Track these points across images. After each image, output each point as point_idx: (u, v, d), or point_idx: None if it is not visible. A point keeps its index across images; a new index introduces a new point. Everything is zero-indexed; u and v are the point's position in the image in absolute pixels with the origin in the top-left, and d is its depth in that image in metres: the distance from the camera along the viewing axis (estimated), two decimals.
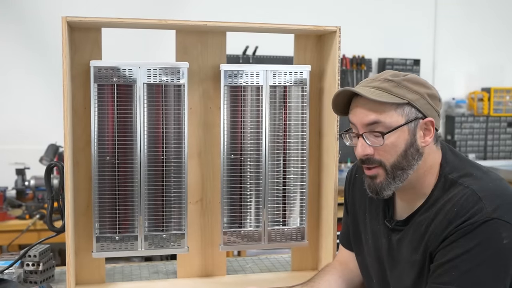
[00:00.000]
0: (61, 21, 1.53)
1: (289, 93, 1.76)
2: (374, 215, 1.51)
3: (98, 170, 1.65)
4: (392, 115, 1.30)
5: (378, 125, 1.30)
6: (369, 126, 1.31)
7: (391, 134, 1.30)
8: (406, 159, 1.32)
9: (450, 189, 1.33)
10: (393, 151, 1.31)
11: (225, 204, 1.74)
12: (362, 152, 1.33)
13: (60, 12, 1.70)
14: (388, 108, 1.30)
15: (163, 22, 1.64)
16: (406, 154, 1.31)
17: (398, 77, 1.34)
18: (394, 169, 1.32)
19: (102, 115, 1.64)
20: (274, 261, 2.05)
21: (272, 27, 1.73)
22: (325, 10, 4.35)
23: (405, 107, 1.30)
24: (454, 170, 1.35)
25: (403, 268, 1.39)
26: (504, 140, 4.77)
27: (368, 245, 1.53)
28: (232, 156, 1.74)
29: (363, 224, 1.56)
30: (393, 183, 1.33)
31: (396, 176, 1.32)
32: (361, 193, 1.56)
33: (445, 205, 1.31)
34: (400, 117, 1.30)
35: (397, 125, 1.30)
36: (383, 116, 1.30)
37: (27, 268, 1.73)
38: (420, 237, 1.35)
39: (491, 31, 4.80)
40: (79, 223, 1.73)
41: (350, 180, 1.64)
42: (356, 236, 1.60)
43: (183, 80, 1.67)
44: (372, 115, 1.30)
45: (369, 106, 1.31)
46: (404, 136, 1.31)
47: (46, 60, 3.78)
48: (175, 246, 1.72)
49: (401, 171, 1.32)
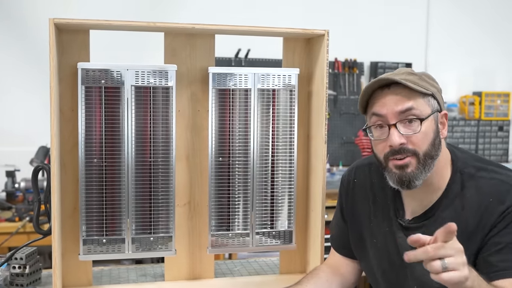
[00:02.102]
0: (49, 23, 1.53)
1: (277, 96, 1.76)
2: (382, 218, 1.50)
3: (85, 172, 1.64)
4: (422, 104, 1.35)
5: (412, 113, 1.34)
6: (403, 114, 1.34)
7: (426, 121, 1.34)
8: (434, 148, 1.36)
9: (469, 183, 1.37)
10: (426, 139, 1.34)
11: (213, 207, 1.74)
12: (399, 141, 1.33)
13: (48, 13, 1.69)
14: (417, 97, 1.35)
15: (151, 25, 1.64)
16: (434, 143, 1.36)
17: (418, 72, 1.40)
18: (426, 157, 1.34)
19: (90, 117, 1.63)
20: (262, 264, 2.05)
21: (260, 30, 1.73)
22: (317, 14, 4.36)
23: (430, 98, 1.37)
24: (468, 165, 1.41)
25: None
26: (495, 144, 4.78)
27: (377, 249, 1.51)
28: (220, 159, 1.74)
29: (367, 229, 1.54)
30: (424, 172, 1.35)
31: (426, 165, 1.35)
32: (363, 198, 1.56)
33: (473, 198, 1.35)
34: (428, 107, 1.36)
35: (428, 114, 1.35)
36: (416, 103, 1.34)
37: (13, 270, 1.72)
38: None
39: (482, 35, 4.82)
40: (66, 225, 1.72)
41: (349, 186, 1.63)
42: (359, 242, 1.58)
43: (171, 82, 1.67)
44: (407, 102, 1.34)
45: (401, 96, 1.34)
46: (432, 126, 1.36)
47: (35, 61, 3.76)
48: (163, 249, 1.72)
49: (431, 160, 1.35)
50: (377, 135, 1.39)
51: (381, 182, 1.52)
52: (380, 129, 1.37)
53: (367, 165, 1.61)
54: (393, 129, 1.34)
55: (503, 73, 4.93)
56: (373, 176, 1.57)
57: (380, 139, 1.37)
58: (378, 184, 1.54)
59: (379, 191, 1.53)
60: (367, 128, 1.41)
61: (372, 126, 1.39)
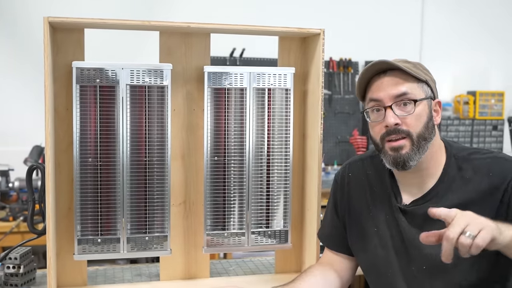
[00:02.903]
0: (43, 21, 1.52)
1: (273, 95, 1.76)
2: (381, 206, 1.54)
3: (80, 172, 1.63)
4: (416, 89, 1.43)
5: (407, 96, 1.41)
6: (398, 97, 1.41)
7: (419, 103, 1.41)
8: (428, 131, 1.42)
9: (464, 165, 1.45)
10: (419, 121, 1.41)
11: (208, 206, 1.74)
12: (394, 121, 1.40)
13: (42, 12, 1.68)
14: (412, 82, 1.43)
15: (146, 23, 1.63)
16: (428, 125, 1.43)
17: (412, 61, 1.48)
18: (419, 138, 1.41)
19: (85, 116, 1.63)
20: (258, 263, 2.05)
21: (256, 29, 1.72)
22: (313, 13, 4.36)
23: (424, 85, 1.45)
24: (461, 150, 1.49)
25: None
26: (489, 143, 4.80)
27: (379, 237, 1.53)
28: (216, 158, 1.73)
29: (367, 219, 1.56)
30: (418, 154, 1.41)
31: (420, 146, 1.41)
32: (360, 190, 1.60)
33: (473, 177, 1.42)
34: (422, 92, 1.44)
35: (422, 97, 1.43)
36: (411, 88, 1.42)
37: (7, 270, 1.71)
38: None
39: (476, 35, 4.83)
40: (61, 225, 1.71)
41: (343, 181, 1.65)
42: (360, 234, 1.59)
43: (166, 81, 1.66)
44: (402, 87, 1.42)
45: (397, 80, 1.42)
46: (425, 109, 1.43)
47: (30, 60, 3.74)
48: (158, 249, 1.71)
49: (424, 142, 1.42)
50: (374, 118, 1.46)
51: (376, 172, 1.57)
52: (377, 112, 1.45)
53: (359, 160, 1.66)
54: (388, 110, 1.41)
55: (497, 72, 4.95)
56: (367, 168, 1.61)
57: (377, 121, 1.44)
58: (373, 174, 1.58)
59: (375, 181, 1.57)
60: (365, 112, 1.48)
61: (369, 109, 1.46)
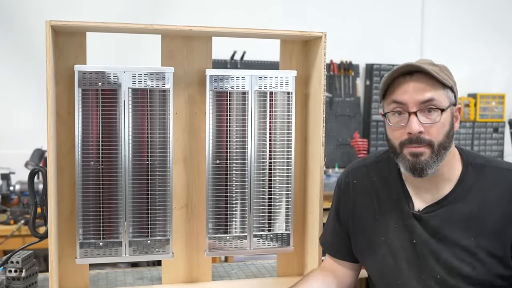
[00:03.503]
0: (45, 25, 1.52)
1: (274, 99, 1.75)
2: (389, 215, 1.49)
3: (82, 176, 1.63)
4: (442, 96, 1.37)
5: (432, 103, 1.35)
6: (424, 103, 1.35)
7: (436, 111, 1.36)
8: (448, 139, 1.38)
9: (483, 173, 1.41)
10: (442, 130, 1.37)
11: (210, 210, 1.74)
12: (418, 128, 1.34)
13: (44, 16, 1.68)
14: (438, 88, 1.37)
15: (149, 27, 1.63)
16: (449, 134, 1.38)
17: (437, 63, 1.42)
18: (440, 147, 1.36)
19: (87, 120, 1.63)
20: (260, 267, 2.04)
21: (258, 32, 1.73)
22: (314, 16, 4.37)
23: (449, 90, 1.39)
24: (475, 158, 1.45)
25: (455, 252, 1.39)
26: (490, 146, 4.80)
27: (389, 247, 1.48)
28: (218, 162, 1.73)
29: (374, 229, 1.52)
30: (437, 162, 1.37)
31: (440, 155, 1.37)
32: (366, 198, 1.55)
33: (492, 190, 1.39)
34: (447, 99, 1.38)
35: (447, 105, 1.37)
36: (437, 94, 1.36)
37: (9, 274, 1.71)
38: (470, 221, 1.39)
39: (477, 37, 4.83)
40: (63, 228, 1.71)
41: (348, 188, 1.61)
42: (366, 244, 1.54)
43: (168, 85, 1.66)
44: (429, 92, 1.35)
45: (424, 85, 1.36)
46: (449, 117, 1.38)
47: (32, 64, 3.74)
48: (160, 252, 1.71)
49: (444, 151, 1.38)
50: (395, 121, 1.40)
51: (382, 179, 1.53)
52: (399, 116, 1.39)
53: (363, 167, 1.61)
54: (413, 117, 1.35)
55: (498, 75, 4.95)
56: (372, 175, 1.56)
57: (399, 125, 1.38)
58: (379, 181, 1.54)
59: (382, 188, 1.53)
60: (386, 114, 1.41)
61: (390, 112, 1.40)
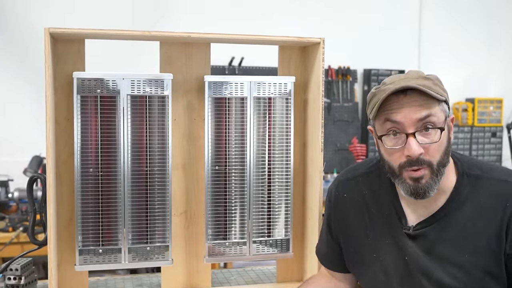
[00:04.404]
0: (44, 32, 1.52)
1: (273, 105, 1.76)
2: (380, 231, 1.43)
3: (81, 182, 1.63)
4: (438, 111, 1.30)
5: (430, 120, 1.28)
6: (420, 122, 1.28)
7: (434, 129, 1.29)
8: (446, 156, 1.32)
9: (478, 185, 1.34)
10: (441, 148, 1.30)
11: (209, 216, 1.74)
12: (419, 151, 1.27)
13: (43, 23, 1.69)
14: (434, 104, 1.29)
15: (147, 34, 1.64)
16: (447, 150, 1.32)
17: (429, 75, 1.34)
18: (439, 166, 1.30)
19: (85, 126, 1.63)
20: (259, 273, 2.04)
21: (256, 38, 1.73)
22: (311, 22, 4.37)
23: (443, 104, 1.32)
24: (473, 167, 1.37)
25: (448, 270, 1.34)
26: (488, 150, 4.81)
27: (380, 264, 1.44)
28: (217, 168, 1.73)
29: (365, 245, 1.47)
30: (437, 182, 1.31)
31: (439, 173, 1.30)
32: (356, 213, 1.49)
33: (487, 201, 1.32)
34: (442, 113, 1.31)
35: (443, 121, 1.30)
36: (434, 111, 1.29)
37: (8, 282, 1.71)
38: (464, 237, 1.32)
39: (475, 42, 4.85)
40: (62, 235, 1.71)
41: (337, 201, 1.55)
42: (357, 260, 1.50)
43: (167, 91, 1.67)
44: (424, 110, 1.28)
45: (419, 102, 1.28)
46: (446, 133, 1.31)
47: (30, 71, 3.75)
48: (159, 259, 1.71)
49: (443, 168, 1.31)
50: (392, 144, 1.31)
51: (373, 192, 1.47)
52: (394, 137, 1.31)
53: (352, 179, 1.54)
54: (411, 139, 1.28)
55: (496, 79, 4.97)
56: (363, 188, 1.50)
57: (396, 148, 1.31)
58: (370, 195, 1.48)
59: (373, 202, 1.47)
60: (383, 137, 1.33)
61: (385, 134, 1.32)
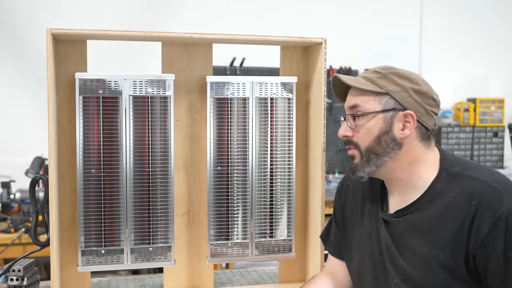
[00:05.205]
0: (46, 33, 1.52)
1: (275, 105, 1.76)
2: (368, 216, 1.52)
3: (83, 183, 1.63)
4: (370, 102, 1.40)
5: (357, 109, 1.41)
6: (351, 109, 1.42)
7: (363, 117, 1.40)
8: (380, 145, 1.39)
9: (454, 181, 1.37)
10: (367, 135, 1.40)
11: (212, 216, 1.73)
12: (343, 132, 1.44)
13: (44, 24, 1.69)
14: (367, 95, 1.40)
15: (149, 34, 1.64)
16: (379, 140, 1.39)
17: (387, 70, 1.43)
18: (367, 152, 1.41)
19: (88, 127, 1.63)
20: (261, 273, 2.04)
21: (258, 39, 1.73)
22: (312, 22, 4.37)
23: (383, 97, 1.39)
24: (455, 165, 1.41)
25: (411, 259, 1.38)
26: (490, 150, 4.80)
27: (361, 246, 1.52)
28: (219, 168, 1.73)
29: (356, 227, 1.55)
30: (367, 166, 1.41)
31: (370, 160, 1.40)
32: (354, 199, 1.59)
33: (457, 198, 1.33)
34: (378, 105, 1.39)
35: (371, 111, 1.39)
36: (362, 101, 1.40)
37: (11, 283, 1.71)
38: (429, 230, 1.36)
39: (476, 42, 4.85)
40: (64, 236, 1.71)
41: (342, 189, 1.65)
42: (346, 242, 1.59)
43: (169, 92, 1.66)
44: (353, 99, 1.42)
45: (354, 92, 1.43)
46: (379, 123, 1.39)
47: (32, 72, 3.75)
48: (162, 259, 1.71)
49: (375, 156, 1.40)
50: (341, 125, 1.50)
51: (371, 181, 1.54)
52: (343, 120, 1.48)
53: None
54: (344, 121, 1.45)
55: (497, 79, 4.96)
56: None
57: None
58: (368, 183, 1.56)
59: (369, 190, 1.56)
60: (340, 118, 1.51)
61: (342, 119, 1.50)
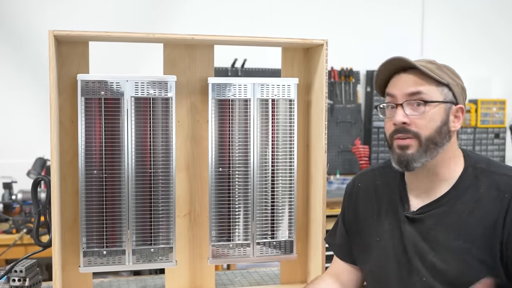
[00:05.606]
0: (48, 34, 1.53)
1: (277, 106, 1.76)
2: (385, 216, 1.51)
3: (85, 184, 1.64)
4: (434, 91, 1.39)
5: (420, 96, 1.38)
6: (411, 96, 1.39)
7: (432, 105, 1.38)
8: (440, 135, 1.39)
9: (482, 176, 1.41)
10: (430, 124, 1.38)
11: (213, 218, 1.74)
12: (402, 119, 1.38)
13: (46, 25, 1.69)
14: (431, 83, 1.39)
15: (151, 36, 1.64)
16: (440, 130, 1.39)
17: (438, 63, 1.44)
18: (428, 141, 1.38)
19: (90, 128, 1.63)
20: (263, 274, 2.04)
21: (260, 40, 1.73)
22: (314, 23, 4.38)
23: (444, 88, 1.40)
24: (480, 161, 1.44)
25: (443, 254, 1.38)
26: (491, 151, 4.80)
27: (381, 247, 1.50)
28: (220, 169, 1.74)
29: (371, 229, 1.54)
30: (424, 156, 1.39)
31: (428, 149, 1.38)
32: (367, 200, 1.58)
33: (488, 191, 1.37)
34: (440, 95, 1.40)
35: (436, 100, 1.39)
36: (426, 89, 1.39)
37: (13, 283, 1.71)
38: (461, 224, 1.38)
39: (477, 43, 4.85)
40: (66, 237, 1.71)
41: (352, 190, 1.64)
42: (363, 245, 1.57)
43: (171, 93, 1.67)
44: (418, 86, 1.39)
45: (415, 79, 1.40)
46: (441, 113, 1.39)
47: (34, 73, 3.76)
48: (163, 260, 1.71)
49: (433, 146, 1.39)
50: (387, 114, 1.45)
51: (385, 182, 1.55)
52: (391, 109, 1.43)
53: (370, 171, 1.65)
54: (399, 108, 1.39)
55: (499, 80, 4.96)
56: (377, 179, 1.59)
57: (389, 117, 1.43)
58: (382, 184, 1.56)
59: (383, 191, 1.55)
60: (379, 107, 1.47)
61: (385, 106, 1.46)
